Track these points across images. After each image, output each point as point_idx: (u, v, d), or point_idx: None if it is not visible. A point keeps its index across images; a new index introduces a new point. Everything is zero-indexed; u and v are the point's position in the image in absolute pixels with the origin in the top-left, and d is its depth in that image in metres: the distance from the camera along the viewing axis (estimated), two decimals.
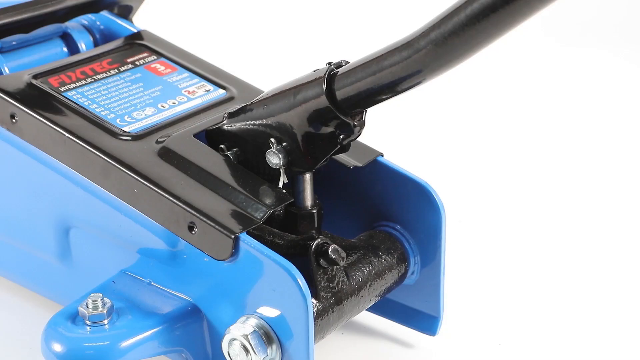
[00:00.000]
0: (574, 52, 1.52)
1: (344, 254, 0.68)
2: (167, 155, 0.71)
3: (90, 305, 0.67)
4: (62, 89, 0.78)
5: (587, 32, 1.59)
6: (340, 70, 0.65)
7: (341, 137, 0.66)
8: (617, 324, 0.83)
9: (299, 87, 0.66)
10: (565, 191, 1.08)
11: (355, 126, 0.66)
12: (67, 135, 0.72)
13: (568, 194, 1.07)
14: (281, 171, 0.69)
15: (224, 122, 0.72)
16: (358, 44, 1.55)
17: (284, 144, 0.68)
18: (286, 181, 0.70)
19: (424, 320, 0.79)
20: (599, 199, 1.06)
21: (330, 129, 0.66)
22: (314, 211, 0.72)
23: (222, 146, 0.72)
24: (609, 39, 1.57)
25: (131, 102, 0.78)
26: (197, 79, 0.82)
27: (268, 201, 0.67)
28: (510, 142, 1.21)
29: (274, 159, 0.69)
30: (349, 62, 0.66)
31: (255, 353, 0.65)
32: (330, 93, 0.65)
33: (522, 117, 1.29)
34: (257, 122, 0.69)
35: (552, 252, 0.95)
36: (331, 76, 0.65)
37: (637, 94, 1.37)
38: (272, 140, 0.68)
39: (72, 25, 0.88)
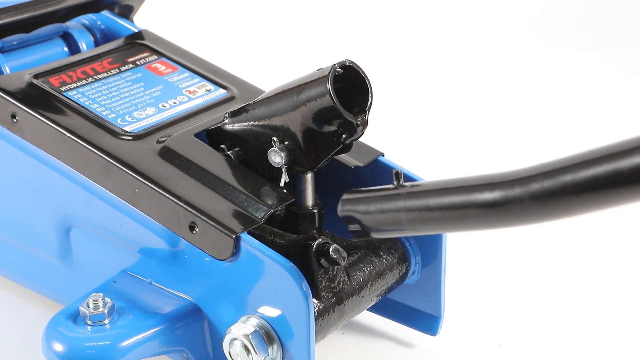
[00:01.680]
0: (574, 54, 1.52)
1: (344, 254, 0.68)
2: (168, 154, 0.71)
3: (91, 305, 0.67)
4: (63, 88, 0.78)
5: (587, 34, 1.60)
6: None
7: (344, 136, 0.66)
8: (617, 324, 0.83)
9: (303, 86, 0.66)
10: None
11: (358, 125, 0.66)
12: (68, 134, 0.72)
13: None
14: (283, 170, 0.69)
15: (225, 121, 0.72)
16: (358, 44, 1.55)
17: (286, 142, 0.68)
18: (287, 180, 0.70)
19: (425, 320, 0.79)
20: None
21: (333, 128, 0.66)
22: (315, 211, 0.72)
23: (223, 146, 0.72)
24: (605, 41, 1.57)
25: (132, 102, 0.78)
26: (197, 79, 0.82)
27: (269, 201, 0.67)
28: (510, 142, 1.21)
29: (276, 157, 0.69)
30: (352, 62, 0.66)
31: (256, 353, 0.65)
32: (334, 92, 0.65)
33: (522, 117, 1.29)
34: (259, 121, 0.69)
35: (553, 252, 0.95)
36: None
37: (634, 95, 1.37)
38: (275, 139, 0.68)
39: (73, 25, 0.88)
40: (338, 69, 0.65)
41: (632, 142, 0.47)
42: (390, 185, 0.62)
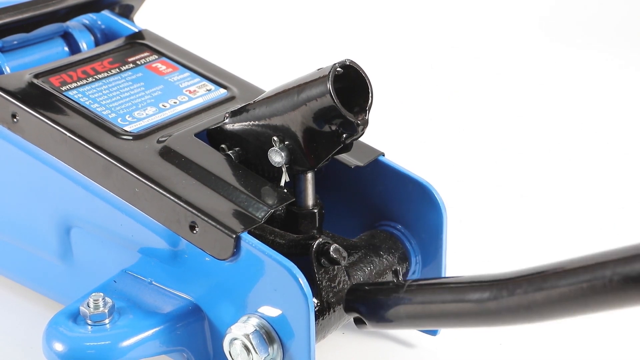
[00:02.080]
0: (574, 54, 1.52)
1: (345, 254, 0.68)
2: (168, 154, 0.71)
3: (91, 305, 0.67)
4: (63, 88, 0.78)
5: (587, 33, 1.60)
6: None
7: (344, 135, 0.66)
8: (617, 324, 0.83)
9: (303, 86, 0.66)
10: (566, 191, 1.08)
11: (358, 125, 0.66)
12: (68, 134, 0.72)
13: (568, 195, 1.07)
14: (283, 170, 0.69)
15: (226, 121, 0.72)
16: (358, 44, 1.55)
17: (286, 142, 0.68)
18: (288, 180, 0.70)
19: None
20: (600, 199, 1.06)
21: (333, 128, 0.66)
22: (315, 211, 0.72)
23: (223, 146, 0.72)
24: (606, 40, 1.57)
25: (132, 102, 0.78)
26: (198, 79, 0.82)
27: (269, 201, 0.67)
28: (511, 143, 1.21)
29: (277, 157, 0.69)
30: (352, 61, 0.66)
31: (256, 352, 0.65)
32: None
33: (522, 117, 1.29)
34: (260, 121, 0.69)
35: (553, 252, 0.95)
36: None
37: (635, 95, 1.37)
38: (275, 138, 0.68)
39: (73, 24, 0.88)
40: (338, 69, 0.65)
41: (606, 256, 0.51)
42: (391, 282, 0.68)
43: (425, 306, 0.64)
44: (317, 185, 0.72)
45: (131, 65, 0.83)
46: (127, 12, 0.90)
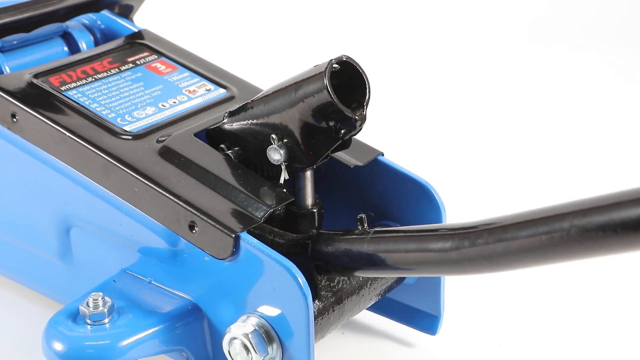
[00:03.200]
0: (574, 54, 1.53)
1: None
2: (167, 154, 0.71)
3: (91, 304, 0.67)
4: (63, 88, 0.78)
5: (587, 34, 1.60)
6: None
7: (342, 131, 0.66)
8: (617, 324, 0.83)
9: (300, 83, 0.66)
10: (566, 192, 1.08)
11: (356, 120, 0.66)
12: (67, 134, 0.72)
13: (568, 195, 1.07)
14: (282, 167, 0.69)
15: (225, 121, 0.72)
16: (358, 43, 1.55)
17: (285, 140, 0.68)
18: (287, 177, 0.70)
19: (425, 319, 0.79)
20: None
21: (331, 124, 0.66)
22: (315, 210, 0.72)
23: (222, 145, 0.72)
24: (608, 41, 1.57)
25: (132, 102, 0.78)
26: (197, 79, 0.82)
27: (268, 200, 0.67)
28: (511, 142, 1.21)
29: (275, 155, 0.69)
30: (349, 57, 0.66)
31: (255, 352, 0.65)
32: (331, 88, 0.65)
33: (522, 117, 1.29)
34: (258, 119, 0.69)
35: None
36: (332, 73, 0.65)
37: (635, 95, 1.37)
38: (274, 136, 0.68)
39: (73, 24, 0.88)
40: (335, 65, 0.65)
41: (564, 208, 0.52)
42: (356, 230, 0.68)
43: (389, 254, 0.64)
44: (317, 185, 0.72)
45: (131, 65, 0.83)
46: (126, 12, 0.90)
